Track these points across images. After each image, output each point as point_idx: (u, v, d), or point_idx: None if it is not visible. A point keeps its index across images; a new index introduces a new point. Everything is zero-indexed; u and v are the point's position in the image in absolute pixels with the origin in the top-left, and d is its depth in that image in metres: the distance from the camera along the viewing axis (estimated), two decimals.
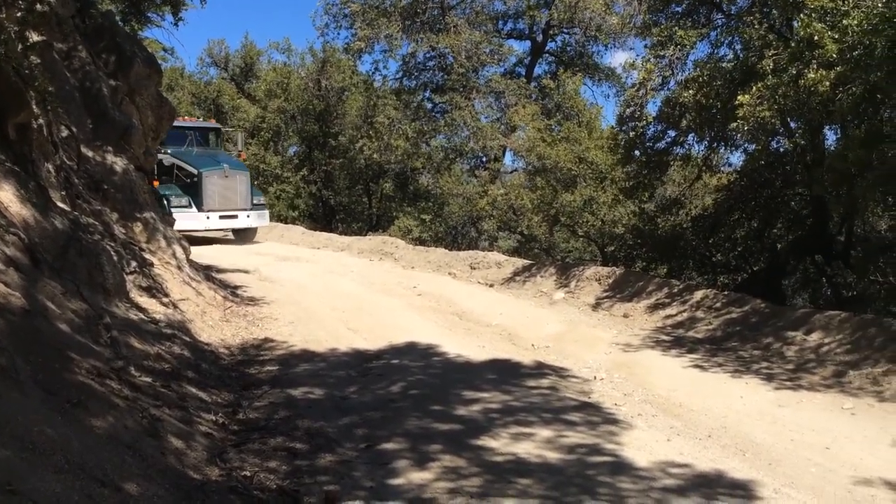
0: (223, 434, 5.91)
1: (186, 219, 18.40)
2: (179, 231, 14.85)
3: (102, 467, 4.01)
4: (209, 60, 44.68)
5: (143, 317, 7.82)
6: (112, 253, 7.97)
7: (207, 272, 12.71)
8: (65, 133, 9.11)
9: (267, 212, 21.85)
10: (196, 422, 5.81)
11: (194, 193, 19.46)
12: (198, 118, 22.98)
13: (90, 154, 9.92)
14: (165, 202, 17.86)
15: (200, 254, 15.12)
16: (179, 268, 10.42)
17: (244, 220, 20.54)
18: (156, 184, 16.56)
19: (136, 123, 12.20)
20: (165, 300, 8.85)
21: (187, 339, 8.13)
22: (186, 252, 11.33)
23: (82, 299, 6.55)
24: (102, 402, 4.93)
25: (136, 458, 4.42)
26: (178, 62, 40.77)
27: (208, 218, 19.47)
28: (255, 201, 20.74)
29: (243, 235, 21.38)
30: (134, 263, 8.75)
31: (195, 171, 19.62)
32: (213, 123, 24.07)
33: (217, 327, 9.51)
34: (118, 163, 10.44)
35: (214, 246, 19.79)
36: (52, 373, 4.87)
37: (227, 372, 7.91)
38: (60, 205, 7.70)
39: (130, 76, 12.61)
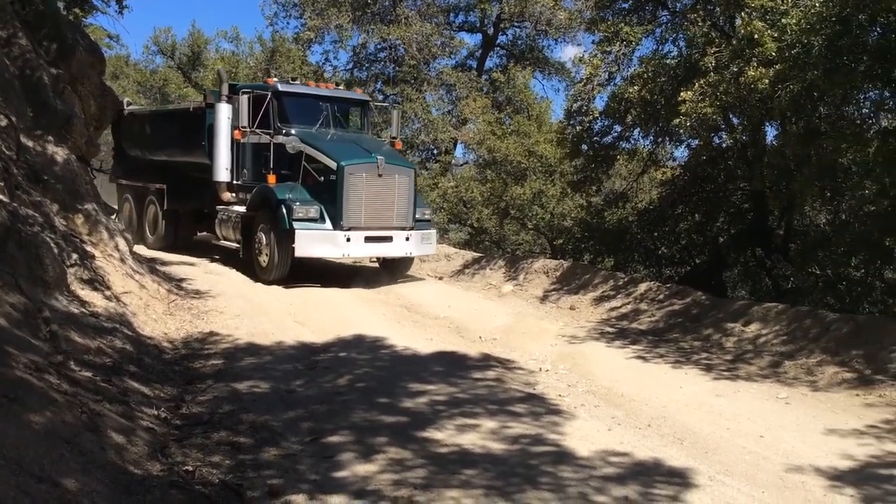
0: (165, 429, 5.86)
1: (315, 240, 12.79)
2: (302, 257, 13.01)
3: (40, 463, 3.96)
4: (155, 49, 43.83)
5: (84, 310, 7.69)
6: (52, 245, 7.81)
7: (152, 265, 12.53)
8: (3, 122, 8.89)
9: (434, 232, 14.70)
10: (137, 417, 5.75)
11: (330, 199, 12.95)
12: (336, 85, 16.17)
13: (30, 144, 9.69)
14: (284, 211, 12.79)
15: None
16: (122, 260, 10.24)
17: (401, 246, 13.58)
18: (272, 181, 13.35)
19: (79, 113, 11.97)
20: (107, 293, 8.71)
21: (129, 332, 8.02)
22: (129, 244, 11.15)
23: (21, 293, 6.42)
24: (40, 396, 4.85)
25: (74, 453, 4.36)
26: (123, 50, 39.94)
27: (349, 240, 12.85)
28: (418, 215, 13.88)
29: (393, 266, 14.60)
30: (75, 256, 8.58)
31: (333, 165, 12.97)
32: (359, 94, 16.66)
33: (161, 321, 9.39)
34: (59, 153, 10.22)
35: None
36: None
37: (171, 366, 7.83)
38: None
39: (72, 64, 12.36)
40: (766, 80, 11.56)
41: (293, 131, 13.84)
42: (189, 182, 15.96)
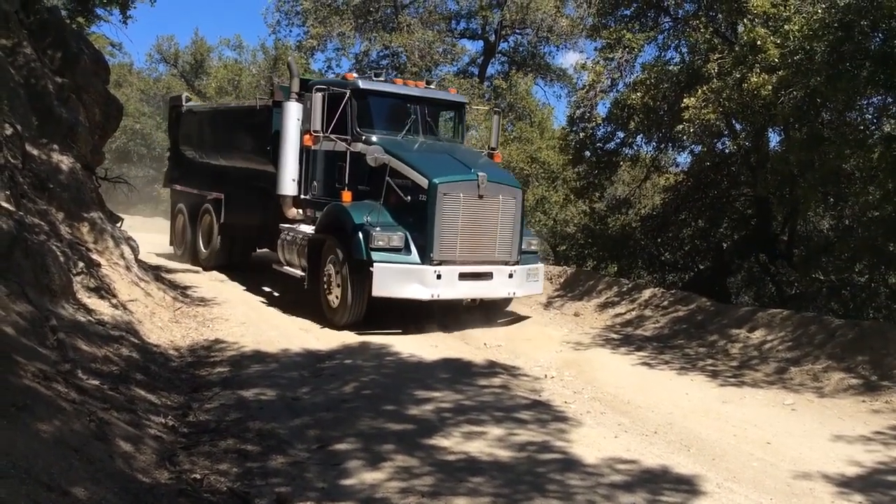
0: (173, 437, 5.86)
1: (397, 277, 10.21)
2: (380, 297, 10.18)
3: (49, 471, 3.96)
4: (158, 57, 43.97)
5: (90, 318, 7.70)
6: (58, 253, 7.83)
7: (157, 272, 12.55)
8: (9, 131, 8.91)
9: (542, 267, 12.00)
10: (145, 425, 5.76)
11: (418, 225, 10.42)
12: (428, 84, 13.10)
13: (35, 152, 9.71)
14: (360, 237, 10.22)
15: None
16: (128, 268, 10.26)
17: (503, 284, 10.93)
18: (347, 198, 10.82)
19: (83, 121, 11.99)
20: (113, 301, 8.72)
21: (136, 340, 8.03)
22: (135, 252, 11.17)
23: (28, 301, 6.44)
24: (49, 405, 4.86)
25: (83, 461, 4.37)
26: (126, 58, 40.08)
27: (439, 277, 10.25)
28: (524, 246, 11.34)
29: (490, 306, 11.97)
30: (81, 264, 8.60)
31: (424, 182, 10.39)
32: (453, 95, 13.55)
33: (167, 328, 9.40)
34: (64, 161, 10.24)
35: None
36: None
37: (177, 374, 7.83)
38: (5, 205, 7.53)
39: (77, 73, 12.38)
40: (769, 87, 11.59)
41: (374, 138, 11.28)
42: (250, 192, 13.75)
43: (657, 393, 8.14)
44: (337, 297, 10.64)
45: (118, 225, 11.69)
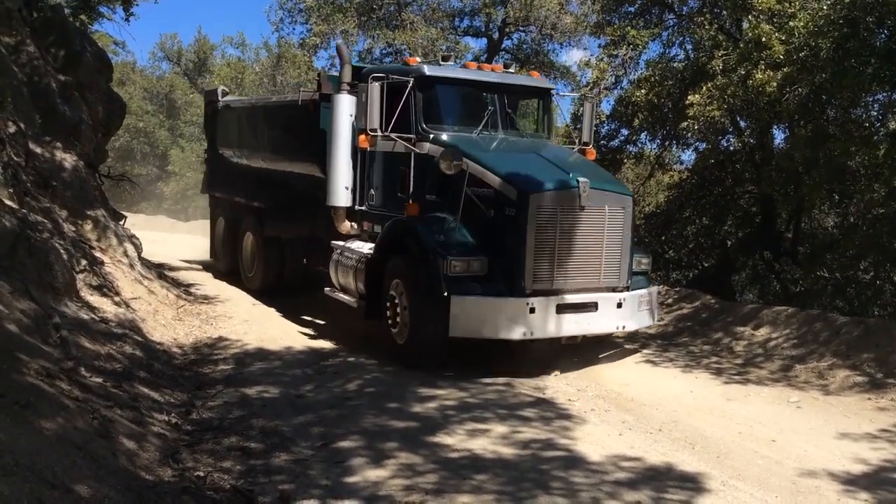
0: (176, 434, 5.86)
1: (481, 313, 8.23)
2: (460, 337, 8.19)
3: (52, 469, 3.96)
4: (161, 55, 44.07)
5: (93, 316, 7.70)
6: (62, 251, 7.82)
7: (160, 270, 12.55)
8: (12, 129, 8.91)
9: (655, 291, 9.76)
10: (148, 422, 5.75)
11: (505, 246, 8.40)
12: (506, 68, 10.78)
13: (39, 150, 9.71)
14: (433, 262, 8.28)
15: None
16: (131, 266, 10.26)
17: (611, 317, 8.84)
18: (413, 211, 8.89)
19: (86, 119, 11.99)
20: (117, 299, 8.72)
21: (139, 338, 8.03)
22: (138, 250, 11.16)
23: (31, 299, 6.43)
24: (52, 403, 4.85)
25: (87, 459, 4.36)
26: (129, 56, 40.14)
27: (533, 311, 8.22)
28: (634, 265, 9.16)
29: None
30: (84, 262, 8.60)
31: (511, 192, 8.39)
32: (537, 79, 11.01)
33: (170, 326, 9.40)
34: (67, 159, 10.25)
35: None
36: (0, 374, 4.79)
37: (181, 371, 7.83)
38: (8, 202, 7.54)
39: (80, 71, 12.38)
40: (774, 83, 11.55)
41: (444, 136, 9.22)
42: (297, 200, 11.58)
43: (661, 390, 8.12)
44: (405, 331, 8.60)
45: (121, 223, 11.69)
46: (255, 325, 10.15)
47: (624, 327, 9.07)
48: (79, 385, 5.54)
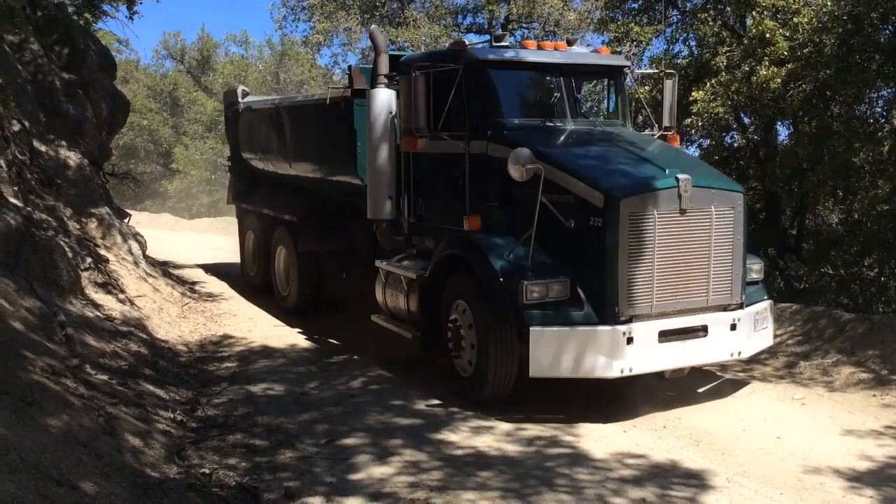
0: (181, 432, 5.88)
1: (566, 347, 6.68)
2: (541, 377, 6.67)
3: (58, 466, 3.97)
4: (165, 53, 44.12)
5: (98, 314, 7.72)
6: (66, 249, 7.85)
7: (165, 268, 12.57)
8: (17, 127, 8.94)
9: (769, 305, 8.00)
10: (154, 420, 5.77)
11: (590, 263, 6.90)
12: (569, 44, 8.81)
13: (43, 148, 9.74)
14: (503, 286, 6.86)
15: None
16: (136, 264, 10.29)
17: (724, 342, 7.25)
18: (474, 224, 7.48)
19: (90, 117, 12.02)
20: (122, 297, 8.75)
21: (144, 336, 8.05)
22: (143, 247, 11.19)
23: (36, 297, 6.46)
24: (57, 400, 4.87)
25: (92, 456, 4.38)
26: (132, 54, 40.18)
27: (631, 341, 6.69)
28: (748, 275, 7.67)
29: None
30: (89, 260, 8.63)
31: (597, 196, 6.82)
32: (609, 56, 9.34)
33: (175, 324, 9.42)
34: (72, 157, 10.27)
35: None
36: (5, 372, 4.80)
37: (186, 369, 7.85)
38: (13, 200, 7.56)
39: (84, 69, 12.41)
40: (778, 80, 11.54)
41: (504, 132, 7.70)
42: (333, 212, 10.32)
43: (665, 387, 8.10)
44: (470, 364, 7.20)
45: (126, 221, 11.72)
46: (259, 322, 10.17)
47: (740, 353, 7.34)
48: (84, 382, 5.56)
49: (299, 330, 9.99)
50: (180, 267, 13.96)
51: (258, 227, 12.19)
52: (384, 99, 8.41)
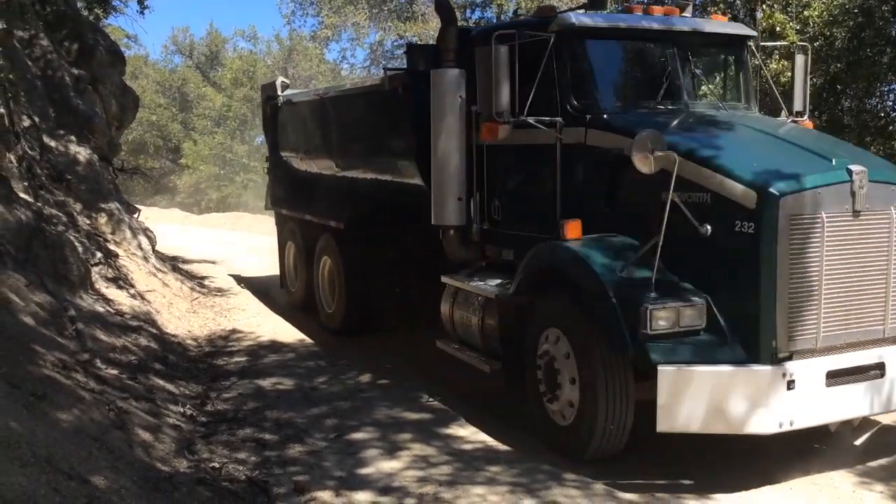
0: (191, 426, 5.90)
1: (711, 392, 5.07)
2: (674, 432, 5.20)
3: (69, 460, 3.99)
4: (173, 48, 44.23)
5: (108, 308, 7.75)
6: (76, 244, 7.88)
7: (174, 263, 12.62)
8: (27, 123, 8.97)
9: None
10: (164, 414, 5.79)
11: (733, 281, 5.34)
12: (681, 10, 7.09)
13: (53, 144, 9.78)
14: (616, 309, 5.26)
15: None
16: (145, 259, 10.33)
17: None
18: (573, 232, 5.99)
19: (100, 113, 12.06)
20: (131, 291, 8.78)
21: (154, 330, 8.08)
22: (152, 243, 11.23)
23: (47, 292, 6.48)
24: (68, 394, 4.89)
25: (103, 450, 4.39)
26: (141, 50, 40.29)
27: (792, 385, 5.11)
28: None
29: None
30: (99, 255, 8.67)
31: (748, 194, 5.21)
32: (730, 24, 7.48)
33: (184, 318, 9.45)
34: (82, 153, 10.30)
35: None
36: (16, 366, 4.82)
37: (195, 363, 7.88)
38: (23, 196, 7.59)
39: (93, 65, 12.46)
40: (789, 73, 11.47)
41: (606, 116, 6.29)
42: (387, 216, 9.01)
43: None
44: (571, 409, 5.71)
45: (135, 216, 11.76)
46: (268, 317, 10.19)
47: None
48: (94, 377, 5.58)
49: (307, 325, 10.00)
50: (189, 262, 14.00)
51: (300, 235, 10.79)
52: (452, 80, 6.96)
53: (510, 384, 6.47)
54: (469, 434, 6.17)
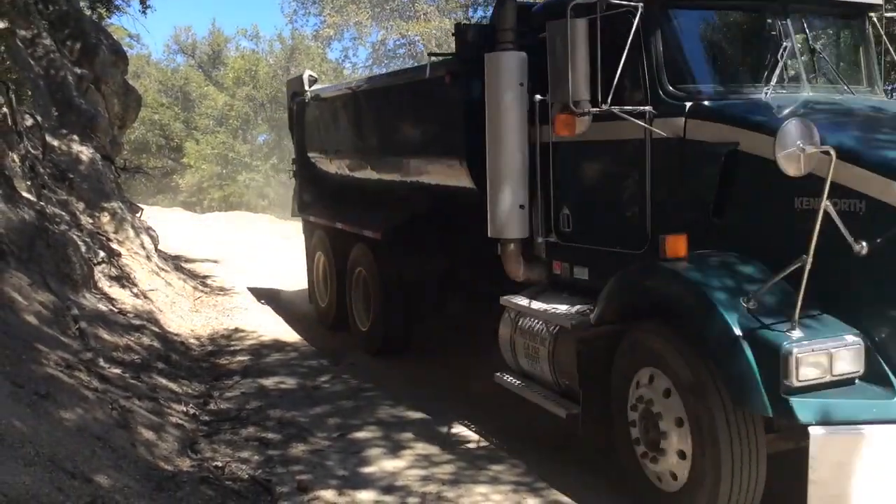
0: (194, 425, 5.90)
1: (874, 458, 3.73)
2: None
3: (73, 459, 3.99)
4: (176, 48, 44.27)
5: (111, 308, 7.75)
6: (79, 243, 7.89)
7: (176, 262, 12.63)
8: (29, 122, 8.98)
9: None
10: (167, 413, 5.79)
11: None
12: None
13: (56, 143, 9.78)
14: (748, 355, 3.92)
15: None
16: (148, 258, 10.33)
17: None
18: (677, 248, 4.59)
19: (102, 112, 12.08)
20: (134, 290, 8.79)
21: (157, 329, 8.08)
22: (155, 242, 11.24)
23: (50, 291, 6.49)
24: (72, 393, 4.90)
25: (106, 449, 4.40)
26: (143, 49, 40.32)
27: None
28: None
29: None
30: (102, 254, 8.67)
31: None
32: None
33: (187, 317, 9.46)
34: (84, 152, 10.31)
35: None
36: (19, 365, 4.83)
37: (198, 362, 7.88)
38: (26, 195, 7.60)
39: (96, 64, 12.47)
40: None
41: (715, 105, 5.03)
42: (430, 224, 7.83)
43: None
44: (676, 468, 4.48)
45: (138, 215, 11.77)
46: (270, 316, 10.19)
47: None
48: (98, 376, 5.59)
49: (310, 325, 10.00)
50: (192, 261, 14.01)
51: (330, 245, 9.65)
52: (512, 65, 5.85)
53: (591, 430, 5.11)
54: (472, 433, 6.16)
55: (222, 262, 14.43)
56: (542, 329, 5.64)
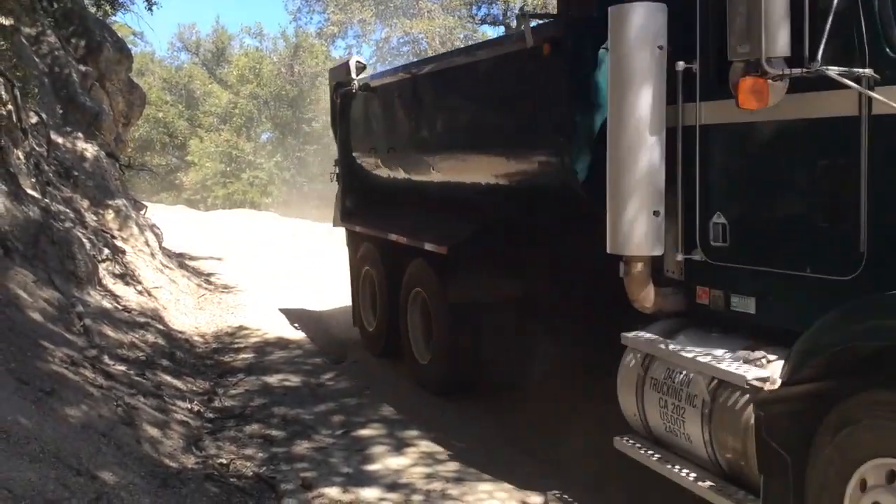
0: (199, 422, 5.90)
1: None
2: None
3: (77, 456, 4.00)
4: (180, 45, 44.32)
5: (116, 305, 7.76)
6: (84, 240, 7.89)
7: (181, 260, 12.64)
8: (34, 119, 8.99)
9: None
10: (171, 410, 5.80)
11: None
12: None
13: (60, 140, 9.80)
14: None
15: None
16: (152, 255, 10.34)
17: None
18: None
19: (107, 109, 12.09)
20: (139, 288, 8.80)
21: (161, 327, 8.09)
22: (159, 239, 11.25)
23: (54, 288, 6.50)
24: (76, 390, 4.90)
25: (111, 446, 4.40)
26: (148, 47, 40.38)
27: None
28: None
29: None
30: (106, 251, 8.68)
31: None
32: None
33: (191, 315, 9.47)
34: (89, 149, 10.33)
35: None
36: (24, 362, 4.83)
37: (202, 360, 7.89)
38: (31, 192, 7.60)
39: (100, 61, 12.49)
40: None
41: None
42: (510, 237, 6.36)
43: None
44: None
45: (142, 213, 11.78)
46: (275, 314, 10.19)
47: None
48: (102, 373, 5.60)
49: (313, 324, 10.01)
50: (196, 259, 14.02)
51: (381, 260, 8.19)
52: (647, 22, 4.30)
53: None
54: (476, 430, 6.15)
55: (226, 260, 14.44)
56: (692, 382, 4.08)
